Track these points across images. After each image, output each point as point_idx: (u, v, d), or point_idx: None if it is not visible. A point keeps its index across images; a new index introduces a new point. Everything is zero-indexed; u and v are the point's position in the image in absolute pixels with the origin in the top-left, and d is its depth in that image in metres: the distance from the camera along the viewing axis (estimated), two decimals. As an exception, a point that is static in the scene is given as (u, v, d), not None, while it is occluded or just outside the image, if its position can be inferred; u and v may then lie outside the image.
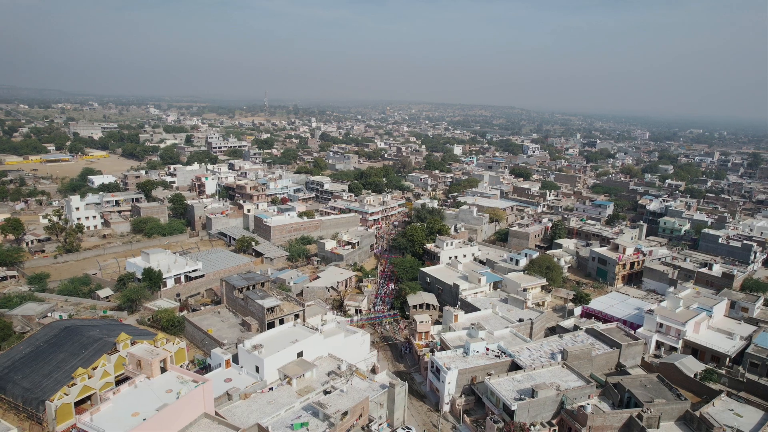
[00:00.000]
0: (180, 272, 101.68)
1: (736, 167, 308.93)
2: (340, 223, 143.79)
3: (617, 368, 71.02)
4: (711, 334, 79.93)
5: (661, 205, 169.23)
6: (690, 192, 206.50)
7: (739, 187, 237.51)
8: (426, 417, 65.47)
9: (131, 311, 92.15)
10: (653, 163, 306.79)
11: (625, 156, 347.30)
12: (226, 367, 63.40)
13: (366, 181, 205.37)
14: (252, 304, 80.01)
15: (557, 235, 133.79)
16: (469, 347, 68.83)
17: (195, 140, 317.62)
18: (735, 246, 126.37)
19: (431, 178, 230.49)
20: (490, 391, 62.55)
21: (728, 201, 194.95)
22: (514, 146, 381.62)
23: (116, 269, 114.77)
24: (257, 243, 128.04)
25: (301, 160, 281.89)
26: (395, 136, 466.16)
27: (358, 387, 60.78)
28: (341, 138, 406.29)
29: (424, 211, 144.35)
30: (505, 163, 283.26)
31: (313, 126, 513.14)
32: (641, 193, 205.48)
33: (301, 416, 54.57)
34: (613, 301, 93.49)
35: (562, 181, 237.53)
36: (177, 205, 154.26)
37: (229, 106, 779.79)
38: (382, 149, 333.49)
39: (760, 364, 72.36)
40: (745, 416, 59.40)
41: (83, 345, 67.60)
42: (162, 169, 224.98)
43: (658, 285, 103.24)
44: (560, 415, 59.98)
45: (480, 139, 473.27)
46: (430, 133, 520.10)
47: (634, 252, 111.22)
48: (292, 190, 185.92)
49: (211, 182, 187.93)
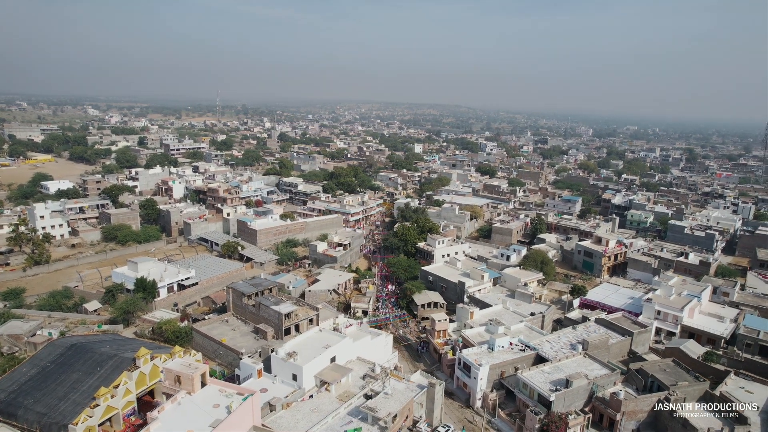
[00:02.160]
0: (173, 281, 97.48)
1: (676, 162, 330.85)
2: (324, 225, 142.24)
3: (629, 355, 74.82)
4: (703, 318, 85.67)
5: (624, 199, 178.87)
6: (645, 186, 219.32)
7: (683, 181, 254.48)
8: (459, 414, 66.36)
9: (126, 324, 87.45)
10: (605, 159, 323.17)
11: (577, 152, 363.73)
12: (258, 377, 61.55)
13: (337, 182, 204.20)
14: (266, 311, 77.93)
15: (538, 230, 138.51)
16: (494, 343, 70.35)
17: (149, 142, 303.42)
18: (699, 236, 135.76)
19: (401, 177, 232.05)
20: (523, 383, 64.28)
21: (679, 194, 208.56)
22: (472, 144, 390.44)
23: (97, 280, 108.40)
24: (243, 248, 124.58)
25: (264, 161, 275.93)
26: (351, 136, 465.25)
27: (397, 388, 60.74)
28: (299, 138, 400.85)
29: (408, 211, 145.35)
30: (468, 162, 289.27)
31: (267, 126, 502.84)
32: (602, 187, 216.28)
33: (352, 421, 53.99)
34: (607, 291, 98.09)
35: (525, 177, 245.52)
36: (149, 210, 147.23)
37: (173, 107, 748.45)
38: (343, 149, 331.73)
39: (752, 344, 78.38)
40: (755, 392, 64.28)
41: (97, 363, 63.39)
42: (120, 173, 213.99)
43: (642, 275, 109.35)
44: (592, 402, 62.57)
45: (435, 137, 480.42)
46: (386, 132, 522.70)
47: (616, 244, 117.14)
48: (266, 192, 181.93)
49: (178, 186, 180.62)
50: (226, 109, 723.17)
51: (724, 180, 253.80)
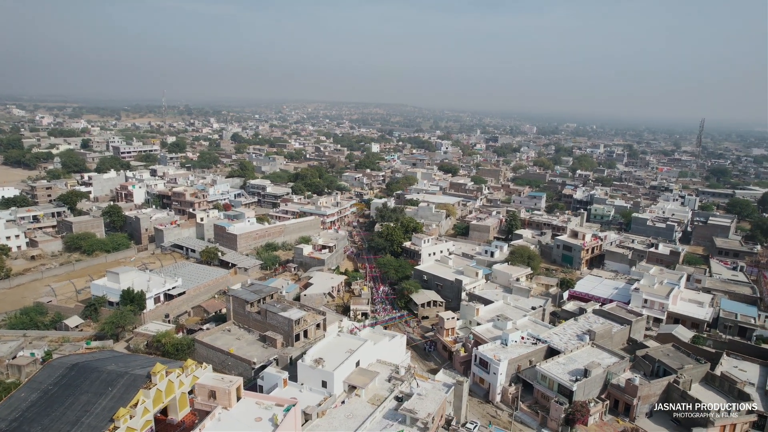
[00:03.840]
0: (160, 291, 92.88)
1: (620, 158, 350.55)
2: (303, 227, 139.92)
3: (628, 342, 78.84)
4: (684, 304, 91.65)
5: (585, 194, 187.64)
6: (600, 181, 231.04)
7: (630, 175, 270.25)
8: (480, 409, 67.54)
9: (116, 339, 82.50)
10: (556, 156, 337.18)
11: (529, 150, 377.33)
12: (283, 386, 59.91)
13: (304, 183, 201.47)
14: (274, 318, 75.89)
15: (514, 226, 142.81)
16: (507, 337, 72.11)
17: (94, 145, 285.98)
18: (661, 227, 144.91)
19: (366, 177, 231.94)
20: (541, 375, 66.38)
21: (631, 188, 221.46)
22: (428, 143, 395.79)
23: (70, 294, 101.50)
24: (223, 253, 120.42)
25: (221, 163, 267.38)
26: (304, 136, 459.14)
27: (426, 388, 61.08)
28: (252, 139, 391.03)
29: (387, 211, 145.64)
30: (428, 161, 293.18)
31: (216, 127, 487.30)
32: (560, 183, 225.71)
33: (392, 424, 53.77)
34: (592, 283, 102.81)
35: (486, 175, 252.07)
36: (115, 217, 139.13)
37: (109, 107, 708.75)
38: (301, 150, 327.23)
39: (732, 326, 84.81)
40: (748, 371, 69.67)
41: (107, 382, 59.44)
42: (68, 178, 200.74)
43: (619, 266, 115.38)
44: (607, 390, 65.58)
45: (388, 137, 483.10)
46: (338, 132, 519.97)
47: (592, 238, 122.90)
48: (233, 195, 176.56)
49: (139, 190, 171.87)
50: (169, 110, 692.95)
51: (665, 174, 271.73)
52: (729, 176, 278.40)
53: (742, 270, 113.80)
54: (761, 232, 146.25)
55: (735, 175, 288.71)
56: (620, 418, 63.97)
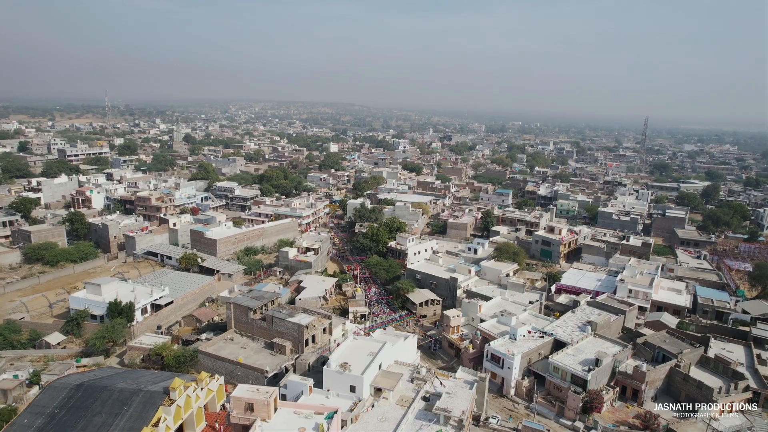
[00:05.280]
0: (147, 301, 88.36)
1: (569, 154, 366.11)
2: (281, 230, 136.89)
3: (623, 331, 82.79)
4: (665, 293, 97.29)
5: (549, 190, 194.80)
6: (559, 177, 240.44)
7: (582, 171, 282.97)
8: (496, 404, 68.92)
9: (107, 354, 77.77)
10: (511, 153, 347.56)
11: (483, 148, 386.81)
12: (309, 393, 58.63)
13: (271, 184, 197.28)
14: (281, 324, 74.03)
15: (490, 223, 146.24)
16: (516, 332, 73.99)
17: (34, 147, 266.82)
18: (625, 220, 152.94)
19: (332, 178, 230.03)
20: (554, 367, 68.61)
21: (587, 183, 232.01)
22: (385, 143, 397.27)
23: (42, 309, 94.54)
24: (203, 259, 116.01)
25: (177, 165, 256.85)
26: (257, 136, 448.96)
27: (450, 386, 61.62)
28: (203, 140, 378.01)
29: (366, 211, 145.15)
30: (389, 160, 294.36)
31: (162, 128, 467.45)
32: (521, 180, 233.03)
33: (428, 424, 53.93)
34: (576, 276, 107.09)
35: (447, 173, 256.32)
36: (78, 225, 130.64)
37: (40, 107, 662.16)
38: (259, 150, 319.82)
39: (710, 311, 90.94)
40: (734, 352, 75.02)
41: (120, 401, 55.99)
42: (11, 183, 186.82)
43: (596, 258, 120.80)
44: (615, 377, 68.70)
45: (343, 136, 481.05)
46: (291, 132, 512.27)
47: (569, 232, 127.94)
48: (200, 199, 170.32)
49: (98, 196, 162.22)
50: (109, 110, 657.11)
51: (615, 170, 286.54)
52: (670, 171, 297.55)
53: (705, 258, 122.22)
54: (712, 222, 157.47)
55: (674, 170, 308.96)
56: (629, 404, 67.27)
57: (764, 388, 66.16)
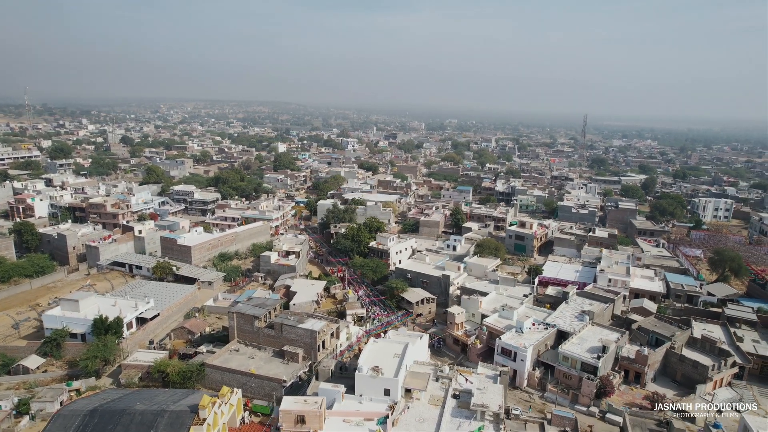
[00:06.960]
0: (132, 315, 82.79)
1: (512, 150, 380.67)
2: (253, 234, 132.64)
3: (612, 318, 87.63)
4: (639, 280, 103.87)
5: (506, 186, 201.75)
6: (511, 173, 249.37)
7: (528, 167, 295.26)
8: (511, 395, 70.58)
9: (97, 375, 72.09)
10: (457, 151, 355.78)
11: (430, 146, 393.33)
12: (341, 399, 57.54)
13: (229, 186, 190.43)
14: (291, 331, 71.94)
15: (460, 220, 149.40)
16: (522, 325, 76.38)
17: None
18: (584, 213, 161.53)
19: (289, 179, 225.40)
20: (563, 356, 71.54)
21: (537, 178, 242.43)
22: (333, 142, 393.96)
23: (5, 331, 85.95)
24: (178, 268, 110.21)
25: (119, 169, 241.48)
26: (196, 137, 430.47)
27: (475, 382, 62.74)
28: (142, 141, 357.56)
29: (339, 212, 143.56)
30: (342, 159, 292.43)
31: (90, 129, 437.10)
32: (475, 177, 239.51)
33: (470, 422, 54.65)
34: (555, 268, 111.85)
35: (404, 171, 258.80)
36: (28, 236, 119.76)
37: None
38: (206, 152, 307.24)
39: (682, 295, 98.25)
40: (714, 332, 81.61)
41: (145, 425, 52.24)
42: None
43: (567, 251, 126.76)
44: (619, 362, 72.71)
45: (287, 136, 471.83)
46: (232, 132, 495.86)
47: (539, 227, 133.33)
48: (158, 204, 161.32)
49: (41, 203, 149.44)
50: (22, 109, 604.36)
51: (558, 165, 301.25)
52: (607, 165, 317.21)
53: (664, 246, 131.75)
54: (659, 212, 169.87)
55: (610, 164, 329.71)
56: (632, 386, 71.47)
57: (748, 363, 72.62)
